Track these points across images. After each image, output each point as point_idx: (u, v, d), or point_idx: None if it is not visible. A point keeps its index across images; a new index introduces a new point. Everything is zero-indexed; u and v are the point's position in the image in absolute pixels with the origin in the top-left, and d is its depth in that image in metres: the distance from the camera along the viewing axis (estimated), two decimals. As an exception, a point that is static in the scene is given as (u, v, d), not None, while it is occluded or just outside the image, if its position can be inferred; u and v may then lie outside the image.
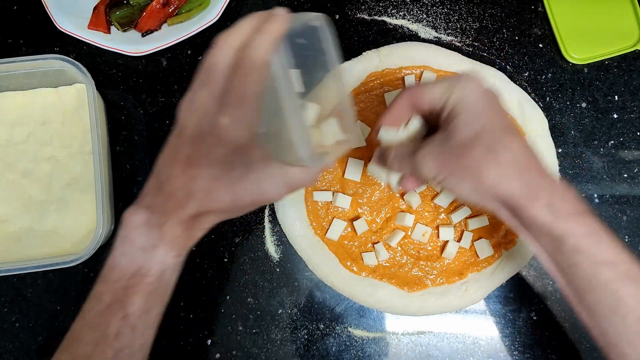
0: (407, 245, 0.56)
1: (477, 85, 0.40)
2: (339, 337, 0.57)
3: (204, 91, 0.38)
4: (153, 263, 0.39)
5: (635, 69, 0.61)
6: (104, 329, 0.39)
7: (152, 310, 0.41)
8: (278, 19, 0.37)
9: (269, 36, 0.36)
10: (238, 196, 0.39)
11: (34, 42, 0.61)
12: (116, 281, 0.39)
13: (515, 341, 0.57)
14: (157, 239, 0.39)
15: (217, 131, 0.37)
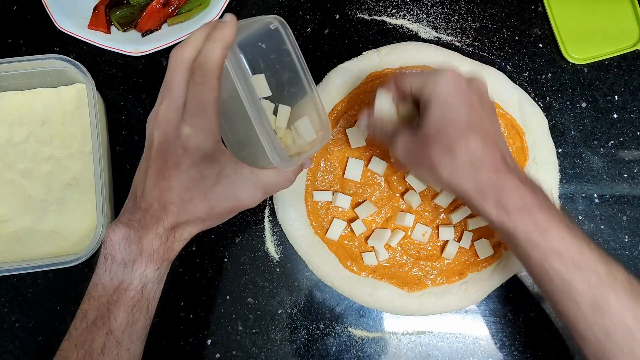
0: (407, 245, 0.56)
1: (449, 79, 0.42)
2: (339, 337, 0.57)
3: (165, 104, 0.39)
4: (134, 277, 0.40)
5: (635, 69, 0.61)
6: (89, 345, 0.39)
7: (137, 324, 0.41)
8: (226, 25, 0.38)
9: (219, 42, 0.38)
10: (213, 204, 0.40)
11: (34, 42, 0.61)
12: (99, 297, 0.40)
13: (515, 341, 0.57)
14: (136, 253, 0.40)
15: (181, 142, 0.38)
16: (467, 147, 0.40)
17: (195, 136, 0.38)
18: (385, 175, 0.57)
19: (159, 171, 0.39)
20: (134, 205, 0.41)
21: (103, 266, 0.40)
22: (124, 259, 0.40)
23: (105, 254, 0.40)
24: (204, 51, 0.38)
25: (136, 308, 0.40)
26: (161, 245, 0.40)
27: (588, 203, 0.59)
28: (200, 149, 0.38)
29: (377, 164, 0.56)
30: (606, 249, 0.57)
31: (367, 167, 0.56)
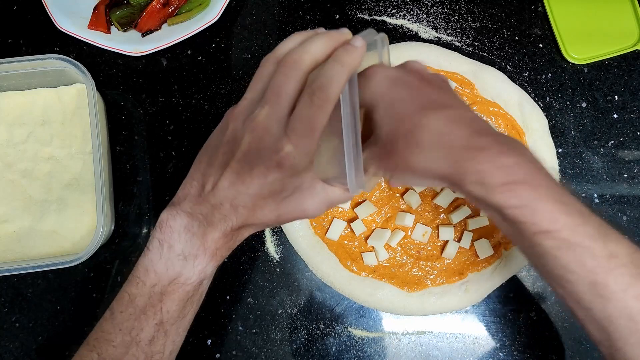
0: (407, 245, 0.56)
1: (384, 74, 0.38)
2: (339, 337, 0.57)
3: (268, 110, 0.36)
4: (193, 272, 0.39)
5: (635, 69, 0.61)
6: (137, 333, 0.38)
7: (186, 317, 0.41)
8: (357, 51, 0.36)
9: (347, 69, 0.35)
10: (281, 213, 0.39)
11: (34, 42, 0.61)
12: (152, 286, 0.39)
13: (515, 341, 0.57)
14: (199, 248, 0.38)
15: (278, 157, 0.36)
16: (428, 130, 0.36)
17: (295, 156, 0.36)
18: (385, 175, 0.57)
19: (239, 174, 0.37)
20: (200, 196, 0.38)
21: (157, 252, 0.38)
22: (184, 251, 0.38)
23: (161, 239, 0.38)
24: (331, 73, 0.35)
25: (189, 302, 0.40)
26: (224, 244, 0.39)
27: (588, 203, 0.59)
28: (294, 168, 0.37)
29: (377, 164, 0.56)
30: (606, 249, 0.57)
31: (367, 167, 0.56)
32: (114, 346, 0.39)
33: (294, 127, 0.35)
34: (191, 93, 0.60)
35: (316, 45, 0.36)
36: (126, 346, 0.38)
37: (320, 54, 0.36)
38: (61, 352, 0.56)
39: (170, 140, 0.60)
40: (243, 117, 0.37)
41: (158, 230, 0.39)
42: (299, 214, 0.40)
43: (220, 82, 0.61)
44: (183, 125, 0.60)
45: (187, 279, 0.39)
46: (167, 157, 0.59)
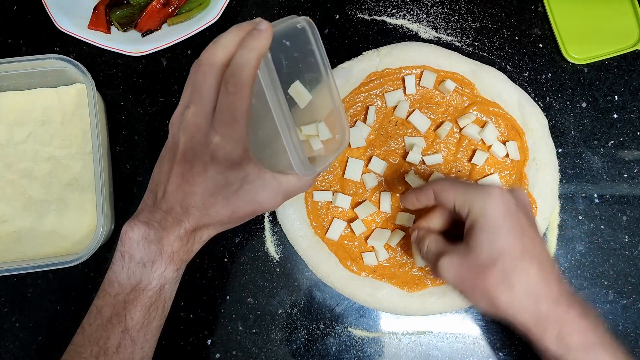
0: (407, 245, 0.56)
1: (498, 201, 0.40)
2: (339, 337, 0.57)
3: (194, 108, 0.38)
4: (153, 277, 0.40)
5: (635, 69, 0.61)
6: (104, 342, 0.39)
7: (152, 323, 0.41)
8: (262, 34, 0.37)
9: (254, 52, 0.36)
10: (235, 209, 0.40)
11: (34, 42, 0.61)
12: (116, 295, 0.40)
13: (515, 341, 0.57)
14: (156, 254, 0.39)
15: (210, 149, 0.37)
16: (525, 277, 0.39)
17: (225, 145, 0.37)
18: (385, 175, 0.57)
19: (182, 175, 0.39)
20: (154, 205, 0.40)
21: (120, 263, 0.40)
22: (143, 258, 0.39)
23: (122, 251, 0.40)
24: (239, 59, 0.37)
25: (153, 308, 0.41)
26: (181, 247, 0.40)
27: (588, 203, 0.59)
28: (229, 158, 0.38)
29: (377, 164, 0.56)
30: (606, 249, 0.57)
31: (367, 167, 0.56)
32: (84, 358, 0.40)
33: (217, 117, 0.37)
34: (191, 93, 0.60)
35: (226, 38, 0.38)
36: (95, 356, 0.39)
37: (231, 46, 0.38)
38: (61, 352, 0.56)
39: (170, 140, 0.60)
40: (178, 122, 0.39)
41: (120, 243, 0.40)
42: (255, 207, 0.40)
43: (220, 82, 0.61)
44: (183, 125, 0.60)
45: (147, 284, 0.40)
46: (167, 157, 0.59)
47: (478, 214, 0.41)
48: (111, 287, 0.40)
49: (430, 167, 0.57)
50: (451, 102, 0.58)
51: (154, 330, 0.42)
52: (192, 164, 0.38)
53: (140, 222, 0.40)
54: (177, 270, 0.41)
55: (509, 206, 0.41)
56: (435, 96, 0.58)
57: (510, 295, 0.39)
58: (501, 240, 0.40)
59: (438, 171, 0.57)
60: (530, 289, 0.40)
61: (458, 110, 0.57)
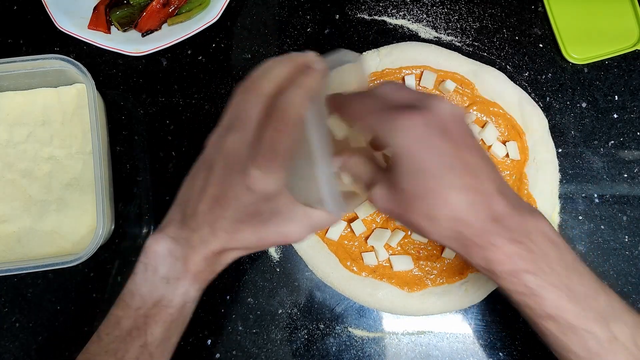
0: (407, 245, 0.56)
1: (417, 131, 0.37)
2: (339, 337, 0.57)
3: (235, 134, 0.37)
4: (176, 294, 0.39)
5: (635, 69, 0.61)
6: (122, 354, 0.39)
7: (170, 339, 0.41)
8: (315, 74, 0.36)
9: (306, 92, 0.35)
10: (262, 237, 0.39)
11: (34, 42, 0.61)
12: (137, 308, 0.39)
13: (515, 341, 0.57)
14: (181, 271, 0.39)
15: (247, 180, 0.36)
16: (446, 211, 0.37)
17: (263, 179, 0.36)
18: (385, 175, 0.57)
19: (216, 198, 0.38)
20: (182, 221, 0.40)
21: (142, 275, 0.40)
22: (167, 274, 0.39)
23: (145, 262, 0.40)
24: (290, 98, 0.35)
25: (174, 325, 0.40)
26: (206, 267, 0.40)
27: (588, 203, 0.59)
28: (265, 192, 0.37)
29: (377, 164, 0.56)
30: (606, 249, 0.57)
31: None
32: None
33: (259, 151, 0.36)
34: (191, 93, 0.60)
35: (277, 70, 0.37)
36: None
37: (281, 78, 0.36)
38: (61, 352, 0.56)
39: (170, 140, 0.60)
40: (217, 144, 0.39)
41: (144, 255, 0.40)
42: (281, 238, 0.40)
43: (220, 82, 0.61)
44: (183, 125, 0.60)
45: (170, 301, 0.40)
46: (167, 157, 0.59)
47: (391, 145, 0.38)
48: (132, 299, 0.40)
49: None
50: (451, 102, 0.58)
51: (172, 347, 0.42)
52: (227, 189, 0.38)
53: (167, 236, 0.39)
54: (200, 290, 0.41)
55: (423, 132, 0.37)
56: (435, 96, 0.58)
57: (435, 227, 0.38)
58: (417, 176, 0.37)
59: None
60: (455, 222, 0.37)
61: (458, 110, 0.57)
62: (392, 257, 0.55)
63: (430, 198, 0.37)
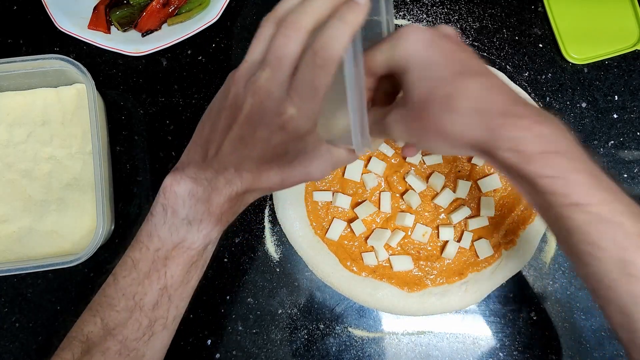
0: (407, 245, 0.56)
1: (418, 36, 0.37)
2: (339, 337, 0.57)
3: (269, 73, 0.35)
4: (198, 237, 0.38)
5: (635, 69, 0.61)
6: (140, 297, 0.38)
7: (190, 282, 0.40)
8: (359, 8, 0.34)
9: (349, 28, 0.34)
10: (286, 177, 0.38)
11: (34, 42, 0.61)
12: (156, 250, 0.38)
13: (515, 341, 0.57)
14: (204, 213, 0.38)
15: (281, 120, 0.35)
16: (466, 93, 0.35)
17: (298, 118, 0.35)
18: (385, 175, 0.57)
19: (242, 138, 0.37)
20: (204, 162, 0.38)
21: (162, 217, 0.38)
22: (189, 216, 0.37)
23: (164, 204, 0.38)
24: (333, 32, 0.33)
25: (193, 267, 0.39)
26: (229, 209, 0.38)
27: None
28: (298, 131, 0.36)
29: (377, 164, 0.56)
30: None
31: (366, 168, 0.56)
32: (117, 311, 0.38)
33: (297, 89, 0.35)
34: (191, 93, 0.60)
35: (317, 4, 0.35)
36: (130, 311, 0.38)
37: (321, 13, 0.35)
38: (61, 352, 0.56)
39: (170, 140, 0.60)
40: (244, 80, 0.37)
41: (162, 196, 0.38)
42: (304, 177, 0.39)
43: (220, 82, 0.60)
44: (183, 125, 0.60)
45: (192, 243, 0.38)
46: (167, 157, 0.59)
47: (400, 60, 0.37)
48: (150, 240, 0.38)
49: (430, 167, 0.57)
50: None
51: (190, 290, 0.41)
52: (255, 129, 0.36)
53: (188, 177, 0.37)
54: (221, 231, 0.40)
55: (426, 39, 0.37)
56: (435, 96, 0.58)
57: (455, 120, 0.35)
58: (430, 70, 0.36)
59: (438, 171, 0.57)
60: (474, 104, 0.35)
61: (458, 110, 0.57)
62: (392, 257, 0.55)
63: (447, 87, 0.35)
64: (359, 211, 0.56)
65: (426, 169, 0.57)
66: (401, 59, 0.37)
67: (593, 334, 0.56)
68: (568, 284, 0.57)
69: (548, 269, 0.58)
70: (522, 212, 0.56)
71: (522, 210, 0.56)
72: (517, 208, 0.56)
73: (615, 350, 0.56)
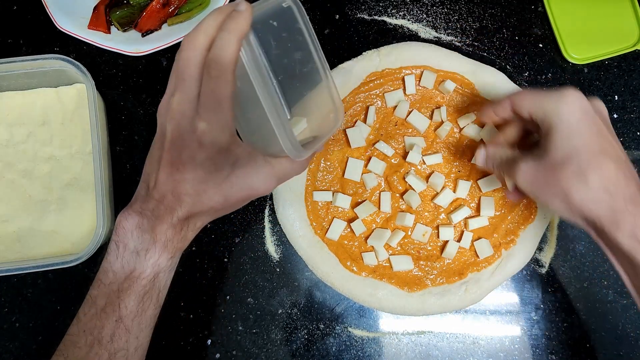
0: (407, 245, 0.56)
1: (575, 104, 0.41)
2: (339, 337, 0.57)
3: (179, 96, 0.38)
4: (146, 266, 0.40)
5: (635, 69, 0.61)
6: (98, 332, 0.39)
7: (146, 312, 0.41)
8: (241, 15, 0.36)
9: (235, 34, 0.36)
10: (227, 194, 0.40)
11: (34, 42, 0.61)
12: (110, 284, 0.40)
13: (515, 341, 0.57)
14: (149, 242, 0.39)
15: (196, 136, 0.37)
16: (601, 172, 0.39)
17: (211, 131, 0.37)
18: (385, 175, 0.57)
19: (172, 163, 0.39)
20: (147, 194, 0.40)
21: (114, 253, 0.40)
22: (137, 247, 0.39)
23: (116, 240, 0.40)
24: (219, 43, 0.36)
25: (147, 296, 0.40)
26: (175, 235, 0.40)
27: None
28: (216, 144, 0.38)
29: (377, 164, 0.56)
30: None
31: (367, 167, 0.56)
32: (79, 347, 0.40)
33: (202, 103, 0.37)
34: (191, 93, 0.60)
35: (207, 23, 0.37)
36: (89, 346, 0.39)
37: (212, 30, 0.37)
38: (61, 352, 0.56)
39: (170, 140, 0.60)
40: (164, 110, 0.39)
41: (114, 233, 0.40)
42: (248, 192, 0.40)
43: (220, 82, 0.61)
44: (183, 125, 0.60)
45: (141, 272, 0.40)
46: (167, 157, 0.59)
47: (552, 116, 0.41)
48: (105, 276, 0.40)
49: (430, 167, 0.57)
50: (451, 102, 0.58)
51: (149, 320, 0.42)
52: (180, 151, 0.38)
53: (134, 211, 0.40)
54: (172, 259, 0.41)
55: (584, 108, 0.41)
56: (435, 96, 0.58)
57: (585, 190, 0.40)
58: (576, 138, 0.40)
59: (438, 171, 0.57)
60: (606, 184, 0.39)
61: (458, 110, 0.57)
62: (392, 257, 0.55)
63: (587, 159, 0.39)
64: (359, 211, 0.56)
65: (426, 169, 0.57)
66: (555, 115, 0.41)
67: (593, 334, 0.56)
68: (568, 284, 0.57)
69: (548, 268, 0.58)
70: (522, 212, 0.56)
71: (522, 210, 0.56)
72: (517, 208, 0.56)
73: (615, 350, 0.56)
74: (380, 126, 0.57)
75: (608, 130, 0.42)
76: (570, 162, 0.40)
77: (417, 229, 0.56)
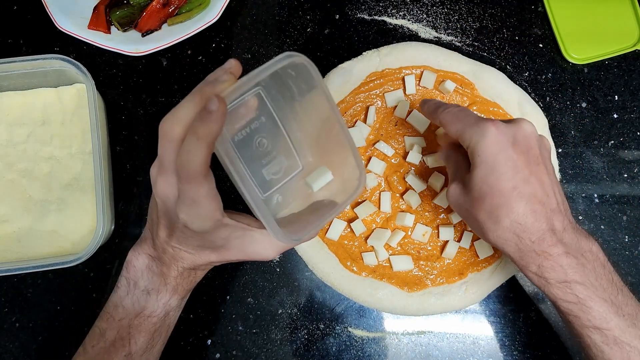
0: (407, 245, 0.56)
1: (492, 139, 0.41)
2: (339, 337, 0.57)
3: (162, 179, 0.37)
4: (158, 305, 0.41)
5: (635, 69, 0.61)
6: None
7: (155, 347, 0.43)
8: (211, 117, 0.33)
9: (203, 142, 0.34)
10: (225, 257, 0.41)
11: (34, 42, 0.61)
12: (120, 319, 0.41)
13: (515, 341, 0.57)
14: (160, 284, 0.41)
15: (181, 224, 0.38)
16: (510, 214, 0.40)
17: (192, 222, 0.37)
18: (385, 175, 0.57)
19: (168, 229, 0.40)
20: (153, 241, 0.41)
21: (125, 289, 0.41)
22: (147, 287, 0.41)
23: (127, 277, 0.41)
24: (187, 148, 0.34)
25: (157, 333, 0.42)
26: (184, 280, 0.42)
27: (588, 203, 0.59)
28: (200, 230, 0.38)
29: (377, 164, 0.56)
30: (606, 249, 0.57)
31: (367, 167, 0.56)
32: None
33: (180, 200, 0.37)
34: (191, 93, 0.60)
35: (183, 109, 0.35)
36: None
37: (188, 118, 0.35)
38: (61, 352, 0.56)
39: (170, 140, 0.60)
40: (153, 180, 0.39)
41: (125, 270, 0.42)
42: (249, 257, 0.41)
43: (220, 82, 0.61)
44: (183, 125, 0.60)
45: (152, 311, 0.41)
46: (167, 157, 0.59)
47: (474, 150, 0.42)
48: (115, 311, 0.41)
49: (430, 167, 0.57)
50: (451, 102, 0.58)
51: (156, 354, 0.43)
52: (171, 226, 0.39)
53: (144, 252, 0.41)
54: (181, 299, 0.43)
55: (502, 144, 0.41)
56: (435, 96, 0.58)
57: (495, 229, 0.41)
58: (491, 178, 0.41)
59: (438, 171, 0.57)
60: (515, 227, 0.41)
61: (458, 110, 0.57)
62: (392, 257, 0.55)
63: (498, 199, 0.41)
64: (359, 211, 0.56)
65: (426, 169, 0.57)
66: (475, 152, 0.42)
67: (593, 334, 0.56)
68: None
69: (548, 269, 0.58)
70: (522, 212, 0.56)
71: (522, 210, 0.56)
72: (517, 208, 0.56)
73: (615, 350, 0.56)
74: (380, 126, 0.57)
75: (529, 167, 0.41)
76: (484, 200, 0.41)
77: (417, 229, 0.56)
